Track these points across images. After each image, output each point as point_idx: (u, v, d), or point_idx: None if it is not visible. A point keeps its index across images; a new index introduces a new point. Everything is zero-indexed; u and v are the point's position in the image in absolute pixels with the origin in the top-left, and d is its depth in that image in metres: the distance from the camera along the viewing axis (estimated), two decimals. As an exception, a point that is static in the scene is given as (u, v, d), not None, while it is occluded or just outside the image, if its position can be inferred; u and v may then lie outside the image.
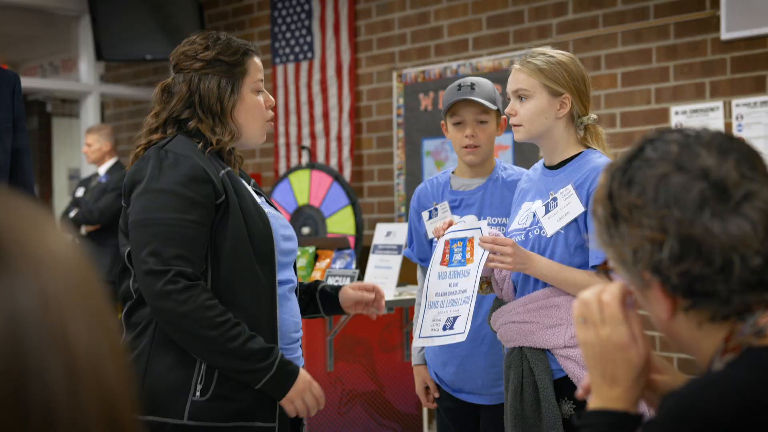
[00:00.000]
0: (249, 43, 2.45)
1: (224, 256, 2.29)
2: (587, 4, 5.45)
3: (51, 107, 10.13)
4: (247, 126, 2.41)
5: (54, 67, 9.60)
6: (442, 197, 3.20)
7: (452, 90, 3.11)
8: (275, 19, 7.10)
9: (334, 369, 4.67)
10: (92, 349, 0.66)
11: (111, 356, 0.68)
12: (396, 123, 6.39)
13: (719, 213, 1.16)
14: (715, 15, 4.91)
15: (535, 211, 2.65)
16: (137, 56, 7.41)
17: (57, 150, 10.24)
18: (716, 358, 1.19)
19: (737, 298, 1.17)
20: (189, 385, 2.26)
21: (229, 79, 2.36)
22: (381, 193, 6.52)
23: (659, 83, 5.15)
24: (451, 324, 2.58)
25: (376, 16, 6.55)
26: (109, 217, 6.35)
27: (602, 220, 1.26)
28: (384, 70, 6.48)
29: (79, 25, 7.77)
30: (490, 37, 5.90)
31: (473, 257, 2.60)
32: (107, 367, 0.67)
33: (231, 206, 2.30)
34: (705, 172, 1.18)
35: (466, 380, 3.12)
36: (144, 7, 7.30)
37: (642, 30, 5.22)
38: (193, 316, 2.19)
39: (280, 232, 2.40)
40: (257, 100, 2.41)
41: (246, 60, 2.39)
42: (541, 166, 2.79)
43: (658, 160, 1.22)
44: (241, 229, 2.29)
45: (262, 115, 2.43)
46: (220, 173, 2.32)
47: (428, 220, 3.19)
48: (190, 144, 2.32)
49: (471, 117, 3.09)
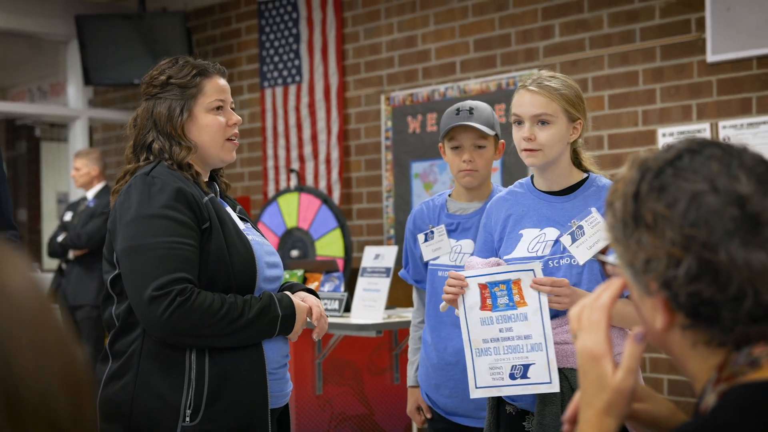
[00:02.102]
0: (208, 63, 2.49)
1: (203, 281, 2.29)
2: (574, 28, 5.48)
3: (39, 131, 10.12)
4: (204, 144, 2.43)
5: (42, 91, 9.60)
6: (438, 220, 3.19)
7: (450, 114, 3.10)
8: (263, 43, 7.12)
9: (323, 392, 4.66)
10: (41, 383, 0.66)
11: (64, 390, 0.67)
12: (384, 146, 6.40)
13: (746, 244, 1.12)
14: (701, 38, 4.95)
15: (560, 240, 2.58)
16: (125, 80, 7.41)
17: (45, 174, 10.22)
18: (708, 387, 1.16)
19: (740, 328, 1.14)
20: (178, 411, 2.25)
21: (179, 101, 2.41)
22: (370, 216, 6.52)
23: (646, 105, 5.17)
24: (522, 372, 2.48)
25: (363, 39, 6.58)
26: (98, 241, 6.33)
27: (619, 217, 1.21)
28: (372, 93, 6.49)
29: (68, 50, 7.78)
30: (478, 60, 5.92)
31: (524, 299, 2.48)
32: (58, 401, 0.67)
33: (214, 232, 2.31)
34: (741, 200, 1.13)
35: (459, 403, 3.10)
36: (132, 32, 7.31)
37: (628, 53, 5.25)
38: (202, 324, 2.22)
39: (264, 259, 2.40)
40: (213, 118, 2.43)
41: (200, 81, 2.43)
42: (533, 189, 2.71)
43: (694, 175, 1.16)
44: (222, 255, 2.30)
45: (220, 133, 2.44)
46: (204, 200, 2.34)
47: (424, 242, 3.18)
48: (172, 171, 2.36)
49: (469, 142, 3.08)
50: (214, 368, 2.28)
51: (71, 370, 0.69)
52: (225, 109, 2.46)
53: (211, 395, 2.27)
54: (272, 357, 2.40)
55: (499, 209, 2.73)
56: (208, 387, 2.27)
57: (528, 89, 2.63)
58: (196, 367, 2.27)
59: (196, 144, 2.41)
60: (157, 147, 2.40)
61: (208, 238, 2.30)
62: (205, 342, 2.27)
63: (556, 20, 5.56)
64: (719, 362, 1.16)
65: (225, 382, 2.29)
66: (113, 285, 2.34)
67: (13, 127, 10.09)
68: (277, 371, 2.43)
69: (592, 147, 5.38)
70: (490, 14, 5.86)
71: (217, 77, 2.47)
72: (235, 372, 2.31)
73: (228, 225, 2.35)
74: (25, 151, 10.23)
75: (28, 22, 7.38)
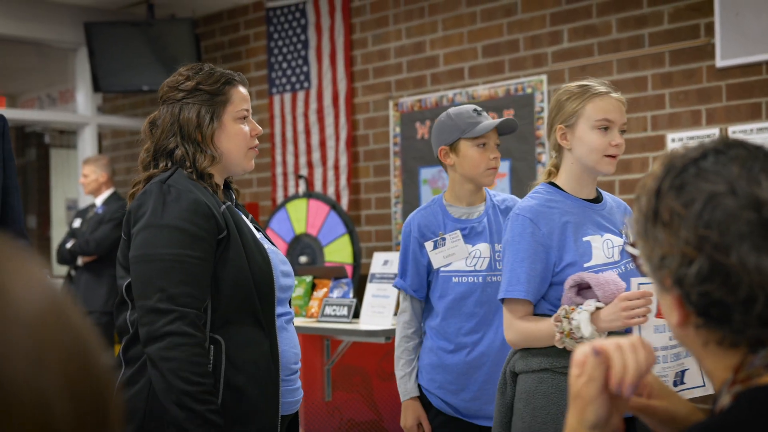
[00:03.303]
0: (233, 73, 2.47)
1: (225, 290, 2.28)
2: (582, 33, 5.48)
3: (49, 138, 10.15)
4: (229, 153, 2.42)
5: (52, 98, 9.63)
6: (445, 226, 3.15)
7: (471, 113, 3.11)
8: (271, 50, 7.12)
9: (333, 398, 4.65)
10: (35, 392, 0.64)
11: (66, 399, 0.66)
12: (393, 151, 6.40)
13: (759, 248, 1.11)
14: (710, 43, 4.94)
15: (623, 247, 2.61)
16: (134, 87, 7.42)
17: (55, 181, 10.24)
18: (724, 388, 1.17)
19: (751, 331, 1.14)
20: None
21: (209, 108, 2.39)
22: (378, 222, 6.52)
23: (655, 111, 5.16)
24: (680, 379, 2.48)
25: (372, 45, 6.58)
26: (106, 247, 6.33)
27: (642, 212, 1.22)
28: (380, 99, 6.50)
29: (77, 57, 7.80)
30: (486, 65, 5.92)
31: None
32: (55, 411, 0.65)
33: (232, 241, 2.30)
34: (758, 204, 1.12)
35: (482, 406, 3.10)
36: (141, 39, 7.33)
37: (637, 58, 5.24)
38: (176, 364, 2.17)
39: (279, 268, 2.41)
40: (240, 128, 2.43)
41: (228, 89, 2.42)
42: (572, 197, 2.67)
43: (715, 176, 1.16)
44: (242, 263, 2.29)
45: (245, 143, 2.44)
46: (221, 208, 2.33)
47: (433, 250, 3.13)
48: (190, 179, 2.34)
49: (493, 140, 3.11)
50: (228, 373, 2.27)
51: (79, 379, 0.67)
52: (248, 119, 2.47)
53: (223, 403, 2.26)
54: (284, 364, 2.40)
55: (549, 218, 2.61)
56: (221, 394, 2.26)
57: (614, 96, 2.64)
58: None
59: (222, 153, 2.41)
60: (180, 154, 2.37)
61: (226, 247, 2.29)
62: (154, 375, 2.21)
63: (564, 26, 5.55)
64: (736, 364, 1.16)
65: (237, 390, 2.29)
66: (128, 291, 2.32)
67: (22, 134, 10.12)
68: (289, 378, 2.43)
69: (601, 152, 5.37)
70: (499, 20, 5.86)
71: (241, 86, 2.47)
72: (248, 381, 2.30)
73: (246, 234, 2.35)
74: (35, 158, 10.26)
75: (38, 30, 7.40)
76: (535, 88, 5.65)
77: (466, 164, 3.10)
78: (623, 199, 5.23)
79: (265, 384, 2.32)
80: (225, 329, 2.28)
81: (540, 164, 5.61)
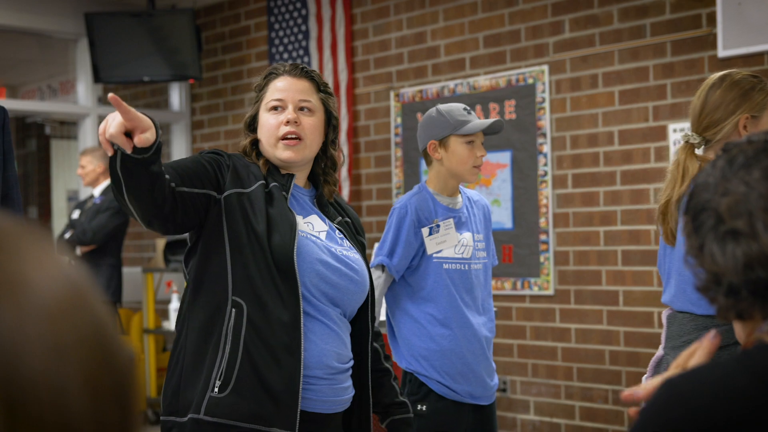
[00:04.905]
0: (282, 65, 2.58)
1: (241, 249, 2.36)
2: (584, 23, 5.46)
3: (49, 129, 10.14)
4: (262, 142, 2.53)
5: (52, 89, 9.62)
6: (437, 214, 3.27)
7: (462, 113, 3.28)
8: (272, 40, 7.11)
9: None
10: (53, 386, 0.63)
11: (85, 393, 0.64)
12: (394, 142, 6.39)
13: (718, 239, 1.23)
14: (711, 33, 4.92)
15: None
16: (135, 78, 7.41)
17: (56, 172, 10.24)
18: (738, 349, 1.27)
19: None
20: (209, 381, 2.31)
21: (256, 102, 2.57)
22: (379, 212, 6.51)
23: (657, 101, 5.15)
24: None
25: (372, 36, 6.57)
26: (103, 236, 6.33)
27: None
28: (381, 90, 6.48)
29: (77, 48, 7.79)
30: (487, 56, 5.90)
31: None
32: (74, 405, 0.63)
33: (246, 200, 2.39)
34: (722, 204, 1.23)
35: (483, 391, 3.28)
36: (141, 30, 7.31)
37: (639, 48, 5.23)
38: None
39: (316, 256, 2.42)
40: (267, 118, 2.52)
41: (267, 82, 2.56)
42: None
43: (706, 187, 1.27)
44: (257, 228, 2.35)
45: (270, 132, 2.50)
46: (259, 182, 2.43)
47: (428, 236, 3.23)
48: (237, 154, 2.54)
49: (479, 139, 3.28)
50: (247, 337, 2.32)
51: (99, 373, 0.66)
52: (284, 109, 2.51)
53: (239, 378, 2.30)
54: (324, 362, 2.41)
55: None
56: (239, 366, 2.30)
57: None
58: (231, 343, 2.32)
59: (261, 141, 2.54)
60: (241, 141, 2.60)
61: (239, 205, 2.38)
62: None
63: (565, 16, 5.54)
64: (749, 330, 1.26)
65: (254, 369, 2.32)
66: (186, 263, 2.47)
67: (23, 125, 10.11)
68: (334, 377, 2.44)
69: (603, 143, 5.36)
70: (500, 10, 5.84)
71: (285, 76, 2.55)
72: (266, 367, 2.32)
73: (278, 207, 2.41)
74: (35, 148, 10.26)
75: (38, 21, 7.39)
76: (537, 79, 5.64)
77: (454, 160, 3.26)
78: (622, 189, 5.23)
79: (285, 376, 2.34)
80: (248, 294, 2.33)
81: (541, 155, 5.60)
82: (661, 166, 5.12)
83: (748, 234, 1.18)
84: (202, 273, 2.39)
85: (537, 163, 5.63)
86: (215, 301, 2.35)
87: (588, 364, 5.44)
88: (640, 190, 5.22)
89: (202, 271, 2.39)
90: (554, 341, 5.58)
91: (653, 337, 5.14)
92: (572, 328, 5.50)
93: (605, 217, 5.37)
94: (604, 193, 5.37)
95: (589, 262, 5.43)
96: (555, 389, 5.58)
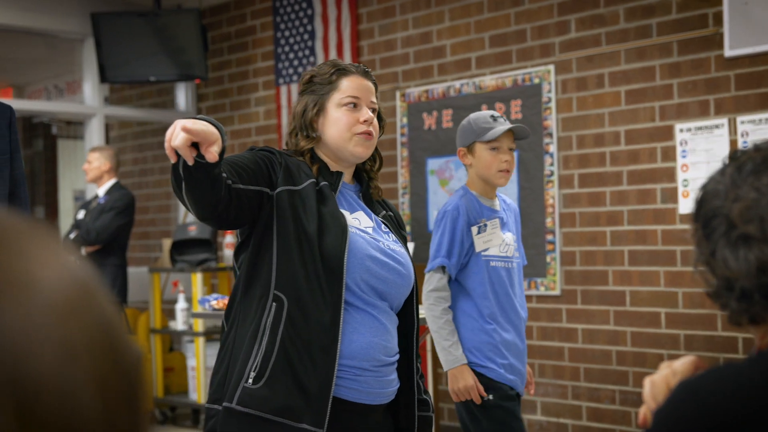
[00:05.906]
0: (352, 64, 2.63)
1: (286, 245, 2.39)
2: (590, 23, 5.45)
3: (56, 129, 10.15)
4: (332, 138, 2.56)
5: (59, 89, 9.62)
6: (483, 214, 3.48)
7: (488, 119, 3.46)
8: (278, 40, 7.11)
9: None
10: (63, 387, 0.62)
11: (97, 394, 0.64)
12: (400, 142, 6.39)
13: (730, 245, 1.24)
14: (718, 32, 4.91)
15: None
16: (141, 78, 7.42)
17: (62, 172, 10.25)
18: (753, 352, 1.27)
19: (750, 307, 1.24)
20: (244, 371, 2.35)
21: (315, 97, 2.58)
22: (385, 213, 6.50)
23: (663, 101, 5.14)
24: None
25: (378, 36, 6.56)
26: (107, 236, 6.34)
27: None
28: (387, 90, 6.48)
29: (84, 48, 7.80)
30: (493, 56, 5.90)
31: None
32: (84, 406, 0.63)
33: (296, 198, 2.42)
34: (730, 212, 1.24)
35: (521, 380, 3.52)
36: (147, 30, 7.32)
37: (645, 48, 5.22)
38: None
39: (366, 253, 2.46)
40: (342, 113, 2.56)
41: (337, 78, 2.58)
42: None
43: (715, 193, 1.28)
44: (299, 222, 2.40)
45: (346, 128, 2.55)
46: (310, 180, 2.47)
47: (477, 234, 3.43)
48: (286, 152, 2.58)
49: (506, 145, 3.46)
50: (285, 333, 2.34)
51: (109, 373, 0.65)
52: (360, 107, 2.57)
53: (273, 372, 2.33)
54: (371, 355, 2.43)
55: None
56: (274, 360, 2.33)
57: None
58: (268, 336, 2.35)
59: (327, 138, 2.56)
60: (293, 137, 2.62)
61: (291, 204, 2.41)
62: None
63: (571, 15, 5.53)
64: (762, 333, 1.26)
65: (289, 365, 2.34)
66: (236, 256, 2.52)
67: (30, 125, 10.12)
68: (380, 369, 2.46)
69: (610, 143, 5.36)
70: (506, 10, 5.83)
71: (357, 76, 2.60)
72: (301, 365, 2.34)
73: (329, 206, 2.45)
74: (42, 148, 10.27)
75: (44, 21, 7.40)
76: (543, 79, 5.63)
77: (480, 165, 3.47)
78: (628, 189, 5.22)
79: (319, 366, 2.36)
80: (290, 291, 2.36)
81: (547, 154, 5.59)
82: (667, 166, 5.11)
83: (760, 238, 1.19)
84: (252, 267, 2.43)
85: (543, 163, 5.62)
86: (259, 294, 2.40)
87: (595, 365, 5.43)
88: (647, 190, 5.21)
89: (252, 266, 2.43)
90: (561, 341, 5.58)
91: (660, 337, 5.13)
92: (579, 329, 5.50)
93: (612, 217, 5.36)
94: (611, 193, 5.36)
95: (595, 263, 5.43)
96: (562, 389, 5.58)
